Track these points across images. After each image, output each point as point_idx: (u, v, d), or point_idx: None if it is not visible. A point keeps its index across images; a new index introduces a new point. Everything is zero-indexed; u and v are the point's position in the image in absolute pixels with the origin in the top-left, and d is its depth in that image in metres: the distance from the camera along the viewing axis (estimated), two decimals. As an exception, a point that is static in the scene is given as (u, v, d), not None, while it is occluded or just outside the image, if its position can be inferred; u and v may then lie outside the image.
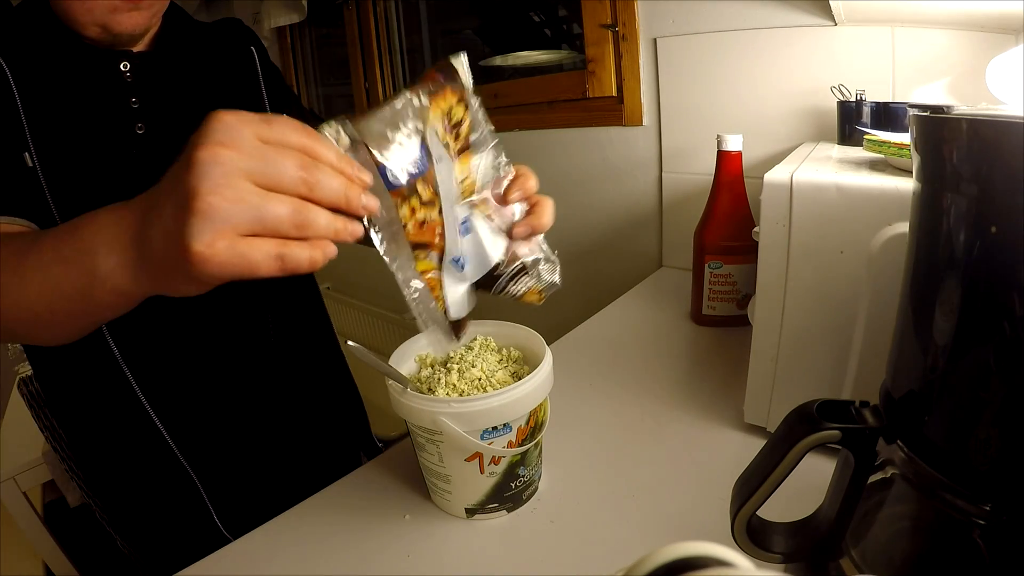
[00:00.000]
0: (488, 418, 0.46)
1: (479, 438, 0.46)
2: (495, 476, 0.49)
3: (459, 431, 0.45)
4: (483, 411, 0.45)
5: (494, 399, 0.45)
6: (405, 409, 0.47)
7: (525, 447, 0.49)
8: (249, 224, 0.29)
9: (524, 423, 0.48)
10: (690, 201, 1.05)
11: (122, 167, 0.58)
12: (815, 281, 0.50)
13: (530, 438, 0.50)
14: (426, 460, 0.50)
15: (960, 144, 0.25)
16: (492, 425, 0.46)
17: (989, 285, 0.25)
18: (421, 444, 0.49)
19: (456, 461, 0.48)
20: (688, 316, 0.89)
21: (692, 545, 0.17)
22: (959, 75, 0.75)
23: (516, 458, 0.49)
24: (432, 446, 0.48)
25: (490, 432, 0.47)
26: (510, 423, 0.47)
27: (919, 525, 0.31)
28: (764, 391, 0.56)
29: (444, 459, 0.48)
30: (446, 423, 0.45)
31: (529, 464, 0.51)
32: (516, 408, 0.46)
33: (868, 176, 0.48)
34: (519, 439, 0.49)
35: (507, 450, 0.48)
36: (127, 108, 0.59)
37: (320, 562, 0.48)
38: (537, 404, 0.49)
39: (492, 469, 0.49)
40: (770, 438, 0.34)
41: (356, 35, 1.71)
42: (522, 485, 0.51)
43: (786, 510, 0.36)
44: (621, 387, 0.71)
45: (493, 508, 0.51)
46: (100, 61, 0.58)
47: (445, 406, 0.45)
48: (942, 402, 0.28)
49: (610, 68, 1.10)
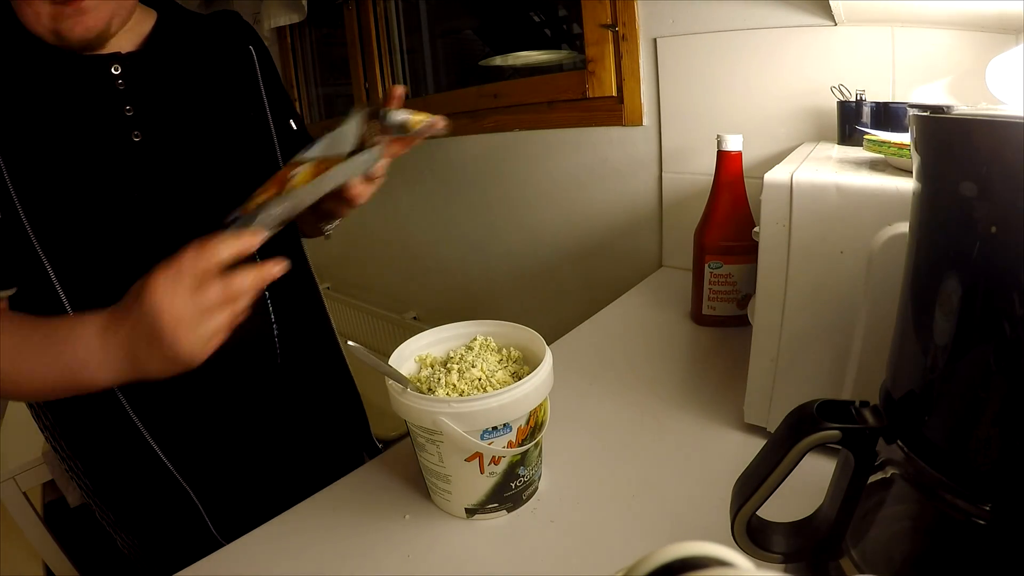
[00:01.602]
0: (488, 418, 0.46)
1: (479, 438, 0.46)
2: (495, 476, 0.49)
3: (459, 431, 0.45)
4: (483, 411, 0.45)
5: (494, 399, 0.46)
6: (405, 409, 0.47)
7: (525, 447, 0.49)
8: (210, 326, 0.43)
9: (524, 423, 0.48)
10: (690, 201, 1.05)
11: (119, 180, 0.56)
12: (815, 281, 0.50)
13: (530, 438, 0.50)
14: (426, 460, 0.50)
15: (960, 144, 0.25)
16: (492, 425, 0.46)
17: (989, 285, 0.25)
18: (421, 444, 0.49)
19: (456, 461, 0.48)
20: (688, 316, 0.89)
21: (692, 545, 0.17)
22: (959, 75, 0.75)
23: (516, 458, 0.49)
24: (432, 446, 0.48)
25: (490, 432, 0.47)
26: (510, 423, 0.47)
27: (919, 525, 0.31)
28: (764, 391, 0.56)
29: (444, 459, 0.48)
30: (446, 423, 0.45)
31: (529, 464, 0.51)
32: (516, 408, 0.46)
33: (868, 176, 0.48)
34: (519, 439, 0.49)
35: (507, 450, 0.48)
36: (121, 117, 0.56)
37: (320, 562, 0.48)
38: (537, 404, 0.49)
39: (492, 469, 0.49)
40: (770, 438, 0.34)
41: (356, 35, 1.71)
42: (522, 485, 0.51)
43: (786, 510, 0.36)
44: (621, 387, 0.71)
45: (493, 508, 0.51)
46: (87, 69, 0.55)
47: (445, 406, 0.45)
48: (942, 402, 0.28)
49: (610, 68, 1.10)
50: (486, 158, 1.42)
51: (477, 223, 1.50)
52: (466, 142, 1.44)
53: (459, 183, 1.51)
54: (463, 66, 1.74)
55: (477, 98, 1.38)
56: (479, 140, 1.41)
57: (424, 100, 1.63)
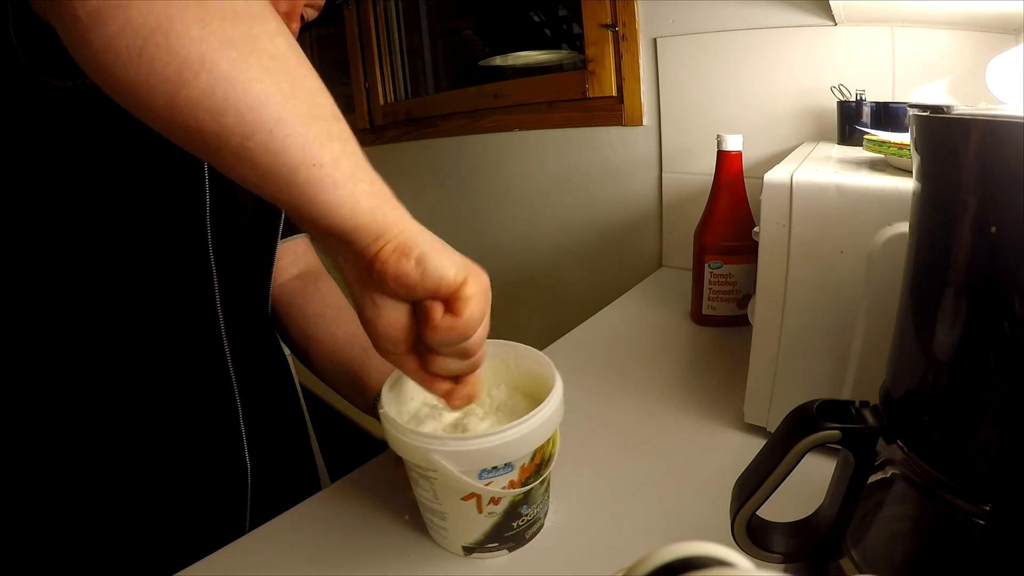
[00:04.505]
0: (486, 458, 0.41)
1: (476, 478, 0.42)
2: (495, 516, 0.45)
3: (454, 471, 0.40)
4: (479, 451, 0.41)
5: (494, 437, 0.40)
6: (397, 443, 0.43)
7: (528, 486, 0.44)
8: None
9: (528, 461, 0.44)
10: (690, 201, 1.05)
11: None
12: (815, 281, 0.50)
13: (535, 476, 0.45)
14: (421, 495, 0.46)
15: (960, 144, 0.25)
16: (492, 465, 0.42)
17: (989, 285, 0.25)
18: (415, 479, 0.45)
19: (452, 500, 0.44)
20: (688, 316, 0.89)
21: (692, 545, 0.17)
22: (959, 75, 0.75)
23: (519, 497, 0.45)
24: (426, 482, 0.44)
25: (489, 472, 0.42)
26: (512, 462, 0.43)
27: (919, 525, 0.31)
28: (764, 391, 0.56)
29: (439, 496, 0.44)
30: (439, 462, 0.40)
31: (534, 502, 0.46)
32: (519, 447, 0.42)
33: (868, 176, 0.48)
34: (522, 478, 0.44)
35: (507, 491, 0.43)
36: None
37: (320, 562, 0.48)
38: (545, 440, 0.44)
39: (492, 509, 0.44)
40: (770, 438, 0.34)
41: (356, 35, 1.70)
42: (525, 524, 0.47)
43: (786, 510, 0.36)
44: (621, 387, 0.71)
45: (493, 548, 0.47)
46: None
47: (439, 443, 0.41)
48: (942, 402, 0.28)
49: (610, 68, 1.10)
50: (486, 158, 1.42)
51: (477, 223, 1.50)
52: (466, 142, 1.44)
53: (459, 183, 1.51)
54: (463, 66, 1.74)
55: (477, 98, 1.38)
56: (479, 140, 1.41)
57: (424, 100, 1.63)
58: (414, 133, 1.56)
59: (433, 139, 1.52)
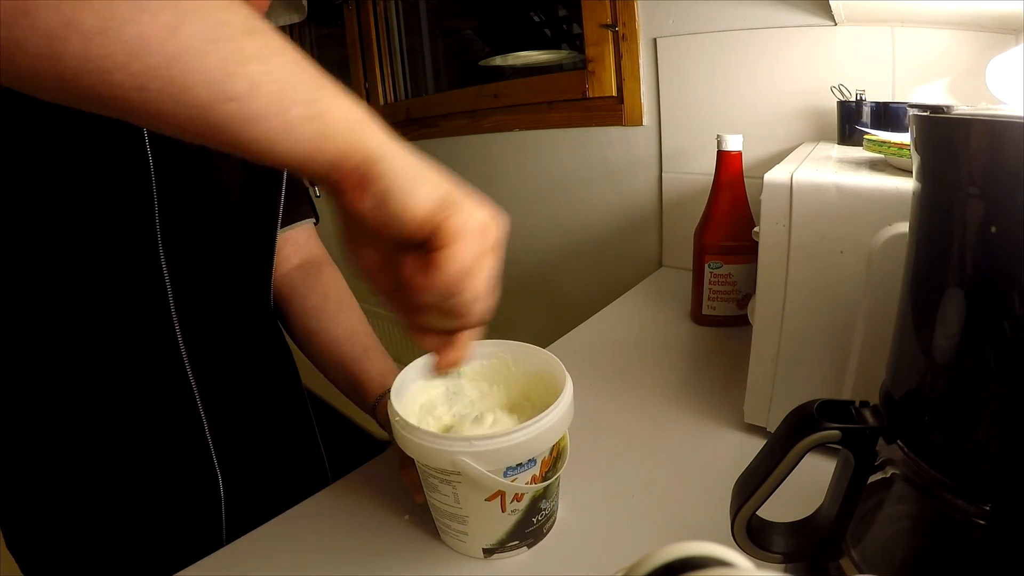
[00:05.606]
0: (513, 455, 0.42)
1: (502, 476, 0.43)
2: (517, 513, 0.46)
3: (482, 471, 0.41)
4: (507, 448, 0.41)
5: (519, 434, 0.41)
6: (417, 449, 0.42)
7: (548, 480, 0.46)
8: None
9: (548, 455, 0.45)
10: (690, 201, 1.05)
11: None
12: (815, 281, 0.50)
13: (553, 470, 0.47)
14: (439, 501, 0.46)
15: (960, 144, 0.25)
16: (517, 462, 0.43)
17: (989, 285, 0.25)
18: (433, 484, 0.45)
19: (475, 501, 0.44)
20: (688, 316, 0.89)
21: (692, 545, 0.17)
22: (959, 75, 0.75)
23: (539, 492, 0.46)
24: (447, 487, 0.44)
25: (514, 469, 0.43)
26: (535, 457, 0.44)
27: (919, 525, 0.31)
28: (764, 391, 0.56)
29: (461, 500, 0.44)
30: (467, 463, 0.41)
31: (551, 496, 0.48)
32: (542, 441, 0.43)
33: (868, 176, 0.48)
34: (543, 472, 0.45)
35: (530, 486, 0.45)
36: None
37: (320, 561, 0.48)
38: (562, 435, 0.46)
39: (515, 506, 0.45)
40: (770, 438, 0.34)
41: (356, 35, 1.71)
42: (543, 519, 0.48)
43: (786, 510, 0.36)
44: (620, 387, 0.71)
45: (513, 546, 0.47)
46: None
47: (466, 445, 0.41)
48: (942, 402, 0.28)
49: (610, 68, 1.10)
50: (486, 158, 1.42)
51: (477, 223, 1.50)
52: (466, 142, 1.44)
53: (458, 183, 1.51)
54: (463, 66, 1.74)
55: (477, 98, 1.38)
56: (479, 140, 1.41)
57: (424, 100, 1.63)
58: (414, 133, 1.56)
59: (433, 139, 1.52)
